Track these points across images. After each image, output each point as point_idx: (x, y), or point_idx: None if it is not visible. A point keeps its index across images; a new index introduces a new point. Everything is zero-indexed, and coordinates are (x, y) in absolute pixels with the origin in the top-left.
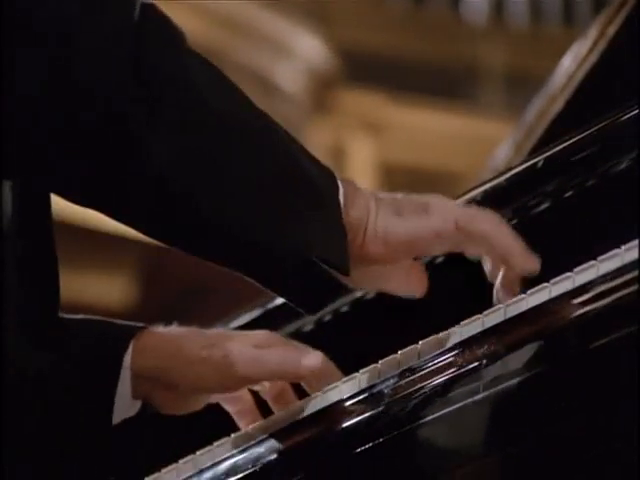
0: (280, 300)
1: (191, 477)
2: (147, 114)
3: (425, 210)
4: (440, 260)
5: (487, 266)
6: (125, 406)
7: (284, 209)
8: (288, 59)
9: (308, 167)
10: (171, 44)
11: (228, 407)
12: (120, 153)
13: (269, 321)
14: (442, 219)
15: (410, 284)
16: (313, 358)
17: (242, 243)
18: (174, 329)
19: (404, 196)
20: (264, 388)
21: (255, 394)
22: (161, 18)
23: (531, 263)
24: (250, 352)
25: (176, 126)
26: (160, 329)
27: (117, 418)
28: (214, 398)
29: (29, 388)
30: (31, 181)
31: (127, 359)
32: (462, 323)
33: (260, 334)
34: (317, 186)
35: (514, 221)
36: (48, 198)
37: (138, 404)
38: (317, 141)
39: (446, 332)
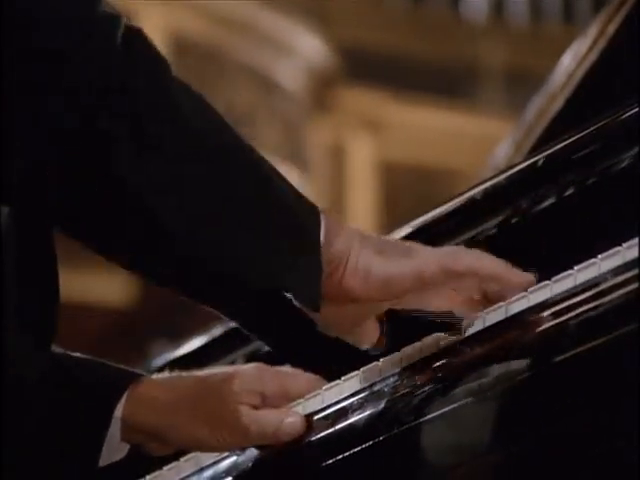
0: None
1: (192, 475)
2: (128, 136)
3: (408, 253)
4: None
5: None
6: (113, 451)
7: (257, 239)
8: (288, 58)
9: (289, 199)
10: (155, 69)
11: None
12: (94, 168)
13: None
14: (423, 261)
15: (365, 335)
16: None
17: (208, 270)
18: (171, 378)
19: (388, 238)
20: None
21: None
22: (146, 43)
23: (525, 277)
24: (249, 415)
25: (156, 147)
26: (157, 378)
27: (103, 462)
28: None
29: (28, 390)
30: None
31: (119, 409)
32: (464, 322)
33: (254, 370)
34: (296, 218)
35: (514, 219)
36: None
37: (127, 447)
38: (317, 139)
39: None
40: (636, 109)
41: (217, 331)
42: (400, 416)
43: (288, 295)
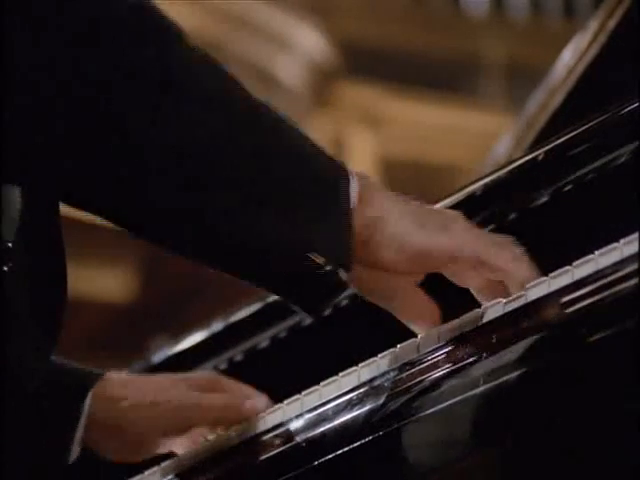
0: None
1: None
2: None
3: (447, 229)
4: None
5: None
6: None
7: (282, 202)
8: (288, 52)
9: (314, 160)
10: (168, 37)
11: None
12: (115, 139)
13: (269, 315)
14: (461, 243)
15: (416, 311)
16: (256, 402)
17: (234, 236)
18: (127, 376)
19: (428, 207)
20: None
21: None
22: (157, 12)
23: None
24: (193, 397)
25: (176, 113)
26: (114, 375)
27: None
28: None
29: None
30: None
31: (85, 408)
32: (462, 317)
33: (202, 377)
34: (322, 179)
35: (514, 214)
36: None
37: (78, 450)
38: (317, 135)
39: (445, 325)
40: (636, 104)
41: (217, 326)
42: (400, 411)
43: (318, 258)
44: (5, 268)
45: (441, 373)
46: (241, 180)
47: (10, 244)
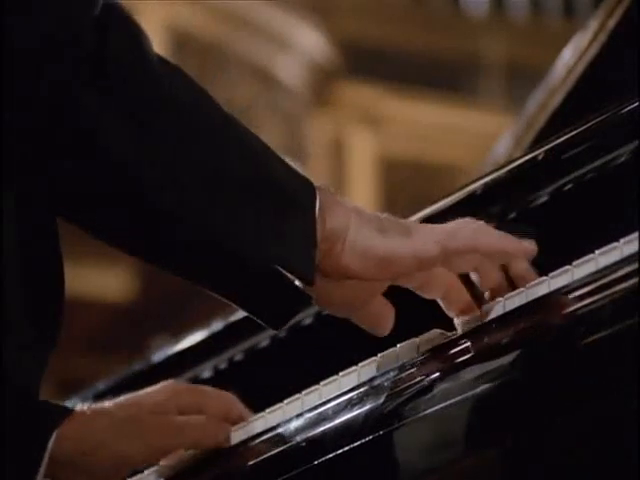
0: None
1: None
2: (100, 104)
3: (408, 232)
4: None
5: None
6: None
7: (247, 211)
8: (288, 52)
9: (281, 173)
10: (133, 40)
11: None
12: (68, 137)
13: None
14: (423, 241)
15: (378, 319)
16: (226, 428)
17: (196, 244)
18: (94, 410)
19: (387, 216)
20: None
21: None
22: (124, 16)
23: (527, 246)
24: (166, 423)
25: (133, 117)
26: (83, 410)
27: None
28: None
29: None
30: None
31: (48, 449)
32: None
33: (170, 391)
34: (289, 192)
35: (513, 214)
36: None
37: None
38: (317, 134)
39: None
40: (636, 104)
41: (217, 326)
42: (400, 411)
43: (280, 269)
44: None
45: (441, 373)
46: (205, 190)
47: None
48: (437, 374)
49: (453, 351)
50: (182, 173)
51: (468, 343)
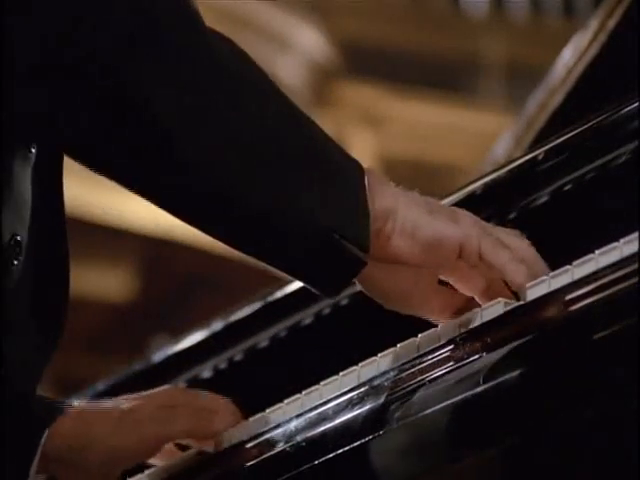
0: (280, 294)
1: None
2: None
3: (455, 218)
4: None
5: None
6: None
7: (302, 179)
8: (289, 52)
9: (331, 149)
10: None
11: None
12: (120, 105)
13: (269, 314)
14: (469, 235)
15: (433, 305)
16: (224, 418)
17: (252, 211)
18: (91, 404)
19: (433, 199)
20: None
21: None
22: None
23: (523, 286)
24: (159, 413)
25: (186, 84)
26: (77, 406)
27: None
28: None
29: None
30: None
31: (40, 446)
32: (462, 317)
33: (165, 392)
34: (340, 166)
35: (513, 214)
36: (61, 196)
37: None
38: None
39: (445, 325)
40: (636, 104)
41: (217, 326)
42: (400, 411)
43: (336, 235)
44: (15, 262)
45: (441, 373)
46: (258, 160)
47: (19, 237)
48: (437, 374)
49: (453, 351)
50: (234, 144)
51: (467, 343)
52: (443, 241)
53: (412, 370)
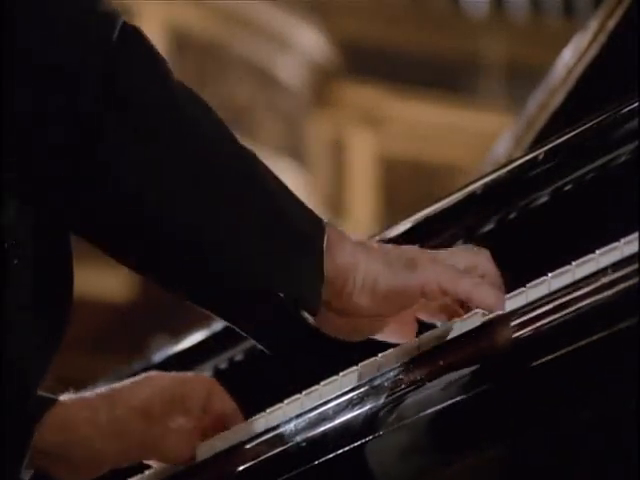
0: None
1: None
2: (117, 130)
3: (413, 266)
4: None
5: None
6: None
7: (256, 242)
8: (288, 52)
9: (292, 209)
10: (150, 66)
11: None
12: (86, 169)
13: None
14: (425, 278)
15: (400, 330)
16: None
17: (205, 270)
18: (79, 399)
19: (392, 247)
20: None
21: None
22: (142, 40)
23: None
24: (144, 436)
25: (149, 147)
26: (67, 400)
27: None
28: None
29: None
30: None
31: (31, 439)
32: (462, 317)
33: (146, 396)
34: (299, 228)
35: (514, 214)
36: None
37: (30, 474)
38: (317, 134)
39: (445, 326)
40: (636, 104)
41: (217, 326)
42: (400, 411)
43: (283, 296)
44: (16, 261)
45: (441, 373)
46: (226, 219)
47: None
48: (437, 374)
49: (453, 351)
50: (196, 205)
51: (467, 344)
52: (402, 292)
53: (412, 370)
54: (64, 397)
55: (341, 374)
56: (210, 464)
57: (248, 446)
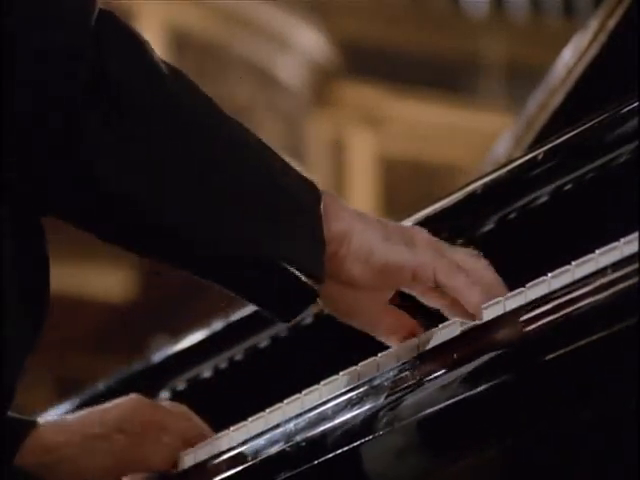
0: None
1: None
2: (102, 121)
3: (410, 243)
4: None
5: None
6: None
7: (255, 215)
8: (288, 52)
9: (285, 177)
10: (130, 52)
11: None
12: (70, 162)
13: None
14: (422, 262)
15: (385, 325)
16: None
17: (209, 246)
18: (60, 422)
19: (394, 223)
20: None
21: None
22: (121, 26)
23: (479, 312)
24: (131, 449)
25: (136, 133)
26: (46, 424)
27: None
28: None
29: None
30: None
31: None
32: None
33: (127, 405)
34: (293, 195)
35: (513, 214)
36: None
37: None
38: (317, 134)
39: (445, 324)
40: (636, 104)
41: (217, 326)
42: (400, 411)
43: (290, 267)
44: None
45: (441, 373)
46: (215, 200)
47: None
48: (437, 374)
49: (453, 351)
50: (189, 184)
51: (468, 342)
52: (396, 268)
53: (412, 370)
54: (40, 420)
55: (341, 374)
56: (210, 464)
57: (248, 446)
